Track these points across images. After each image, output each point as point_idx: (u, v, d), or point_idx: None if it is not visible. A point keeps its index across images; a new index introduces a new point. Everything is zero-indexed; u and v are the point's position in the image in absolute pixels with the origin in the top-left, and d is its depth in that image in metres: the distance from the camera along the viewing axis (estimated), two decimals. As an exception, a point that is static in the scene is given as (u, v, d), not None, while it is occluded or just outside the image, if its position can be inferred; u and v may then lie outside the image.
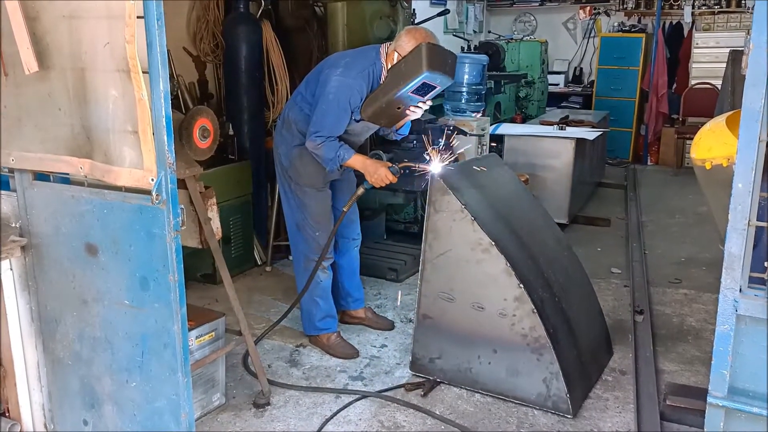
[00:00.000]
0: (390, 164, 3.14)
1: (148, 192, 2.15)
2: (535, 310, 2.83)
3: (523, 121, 7.34)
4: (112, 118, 2.18)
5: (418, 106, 3.11)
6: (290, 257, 4.76)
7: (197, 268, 4.26)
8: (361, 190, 3.19)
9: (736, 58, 3.53)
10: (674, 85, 8.70)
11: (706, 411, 1.54)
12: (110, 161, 2.22)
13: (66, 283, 2.41)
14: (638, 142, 8.85)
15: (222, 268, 2.75)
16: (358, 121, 3.15)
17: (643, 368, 3.25)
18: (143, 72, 1.99)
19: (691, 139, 8.14)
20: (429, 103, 3.13)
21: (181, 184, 2.49)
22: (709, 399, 1.52)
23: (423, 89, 3.02)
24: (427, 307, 3.10)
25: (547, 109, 8.23)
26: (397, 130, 3.33)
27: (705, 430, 1.53)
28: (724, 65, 7.31)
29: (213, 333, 2.79)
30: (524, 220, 3.28)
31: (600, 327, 3.41)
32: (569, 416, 2.85)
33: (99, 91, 2.13)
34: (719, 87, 8.10)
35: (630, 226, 5.74)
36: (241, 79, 4.60)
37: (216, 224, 2.74)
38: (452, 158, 3.15)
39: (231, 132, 4.49)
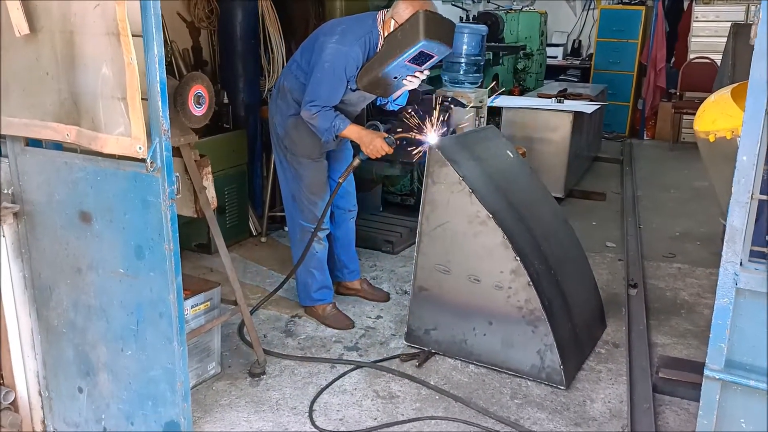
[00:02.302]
0: (386, 135, 3.11)
1: (141, 160, 2.12)
2: (530, 283, 2.83)
3: (521, 93, 7.28)
4: (101, 83, 2.13)
5: (415, 76, 3.07)
6: (285, 228, 4.75)
7: (192, 238, 4.24)
8: (356, 161, 3.16)
9: (738, 31, 3.48)
10: (672, 59, 8.64)
11: (703, 383, 1.54)
12: (98, 128, 2.17)
13: (60, 251, 2.39)
14: (635, 116, 8.82)
15: (218, 237, 2.73)
16: (354, 91, 3.10)
17: (636, 341, 3.27)
18: (134, 36, 1.95)
19: (689, 113, 8.21)
20: (426, 73, 3.09)
21: (176, 152, 2.45)
22: (706, 372, 1.52)
23: (420, 58, 2.97)
24: (423, 279, 3.09)
25: (545, 82, 8.17)
26: (394, 100, 3.29)
27: (701, 402, 1.54)
28: (724, 39, 7.26)
29: (208, 303, 2.78)
30: (522, 193, 3.27)
31: (594, 300, 3.42)
32: (562, 387, 2.86)
33: (88, 56, 2.08)
34: (718, 61, 8.06)
35: (625, 201, 5.74)
36: (237, 46, 4.52)
37: (211, 193, 2.71)
38: (450, 130, 3.12)
39: (226, 100, 4.44)
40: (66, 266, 2.39)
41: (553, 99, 5.78)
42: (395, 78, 3.03)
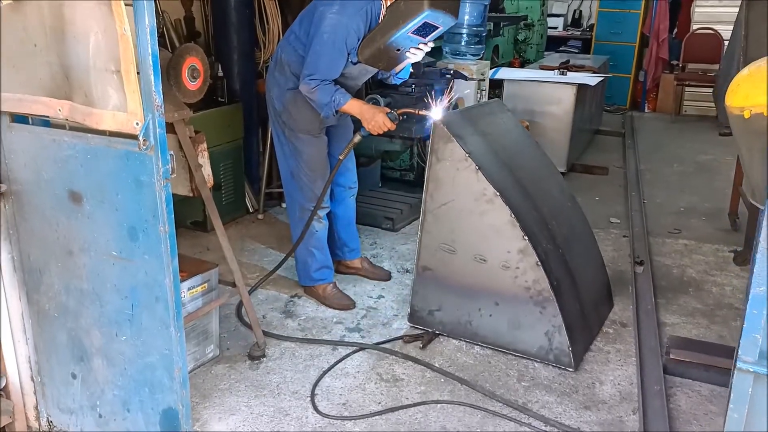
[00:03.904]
0: (388, 110, 2.99)
1: (134, 137, 2.01)
2: (539, 263, 2.74)
3: (522, 65, 7.13)
4: (92, 55, 2.01)
5: (418, 48, 2.94)
6: (283, 204, 4.66)
7: (187, 215, 4.13)
8: (357, 138, 3.04)
9: (752, 1, 3.38)
10: (675, 30, 8.48)
11: (734, 375, 1.46)
12: (91, 103, 2.06)
13: (49, 233, 2.28)
14: (636, 88, 8.69)
15: (214, 217, 2.62)
16: (354, 64, 2.98)
17: (644, 320, 3.20)
18: (126, 4, 1.82)
19: (691, 86, 8.07)
20: (431, 45, 2.96)
21: (170, 128, 2.33)
22: (739, 364, 1.44)
23: (424, 30, 2.84)
24: (427, 259, 3.00)
25: (545, 53, 8.01)
26: (396, 74, 3.17)
27: (731, 395, 1.45)
28: (728, 10, 7.12)
29: (206, 284, 2.68)
30: (528, 169, 3.16)
31: (602, 279, 3.34)
32: (570, 369, 2.79)
33: (78, 26, 1.96)
34: (722, 32, 7.93)
35: (628, 175, 5.64)
36: (231, 16, 4.37)
37: (207, 171, 2.61)
38: (452, 105, 3.00)
39: (220, 73, 4.30)
40: (56, 248, 2.29)
41: (556, 71, 5.64)
42: (398, 50, 2.91)
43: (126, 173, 2.06)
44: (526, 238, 2.74)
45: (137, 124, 1.97)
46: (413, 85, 4.05)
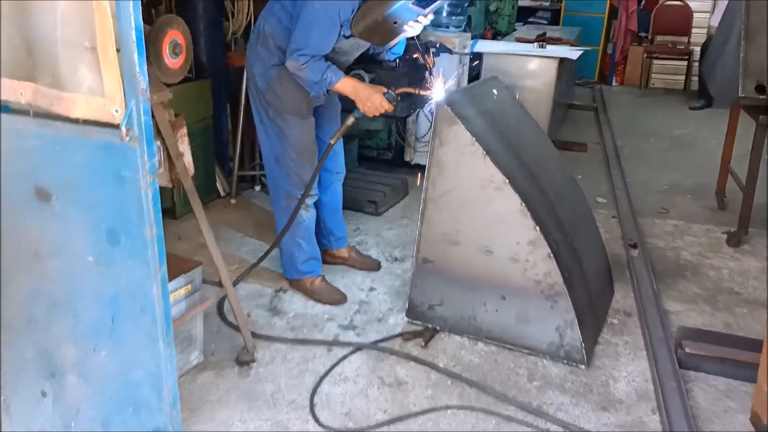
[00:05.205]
0: (386, 90, 2.73)
1: (114, 125, 1.72)
2: (551, 255, 2.56)
3: (494, 37, 6.90)
4: (60, 27, 1.71)
5: (417, 21, 2.68)
6: (256, 187, 4.38)
7: (154, 201, 3.81)
8: (351, 120, 2.77)
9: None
10: (643, 2, 8.37)
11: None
12: (61, 85, 1.76)
13: (12, 234, 1.99)
14: (605, 61, 8.57)
15: (198, 210, 2.37)
16: (347, 38, 2.71)
17: (648, 309, 3.07)
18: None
19: (660, 58, 7.99)
20: (430, 17, 2.71)
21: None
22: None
23: (424, 0, 2.59)
24: (427, 250, 2.79)
25: (516, 24, 7.79)
26: (390, 49, 2.91)
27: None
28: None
29: (189, 285, 2.41)
30: (531, 150, 2.96)
31: (604, 265, 3.19)
32: (582, 366, 2.64)
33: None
34: (691, 4, 7.86)
35: (608, 151, 5.52)
36: (196, -18, 4.01)
37: (188, 159, 2.32)
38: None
39: (186, 46, 3.94)
40: (21, 251, 2.00)
41: (535, 44, 5.43)
42: (395, 23, 2.65)
43: (104, 167, 1.78)
44: (537, 228, 2.55)
45: (117, 111, 1.68)
46: (397, 60, 3.78)
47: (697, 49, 7.53)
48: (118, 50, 1.64)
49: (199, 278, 2.47)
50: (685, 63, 7.93)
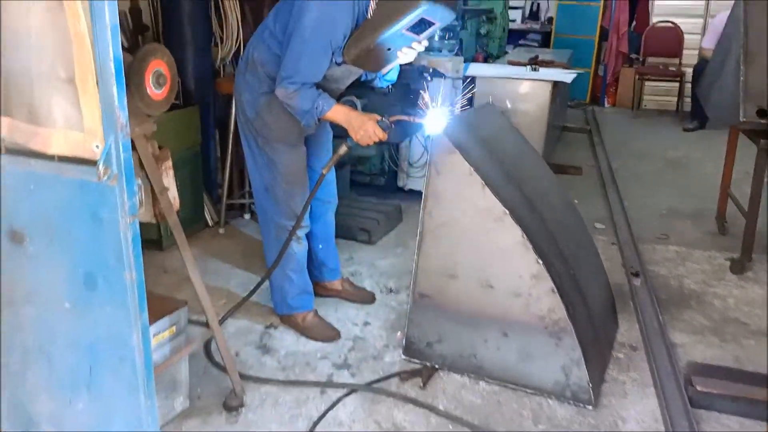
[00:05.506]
0: (379, 118, 2.62)
1: (89, 162, 1.60)
2: (554, 289, 2.44)
3: (485, 60, 6.84)
4: (36, 57, 1.59)
5: (411, 47, 2.59)
6: (246, 215, 4.25)
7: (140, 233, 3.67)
8: (343, 149, 2.65)
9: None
10: (634, 24, 8.37)
11: None
12: (37, 120, 1.64)
13: (-18, 279, 1.85)
14: (596, 82, 8.55)
15: (184, 249, 2.21)
16: (339, 65, 2.61)
17: (654, 342, 2.95)
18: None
19: (651, 80, 7.98)
20: (425, 43, 2.61)
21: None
22: None
23: (419, 26, 2.49)
24: (424, 285, 2.67)
25: (507, 47, 7.76)
26: (383, 76, 2.81)
27: None
28: (688, 3, 7.06)
29: (174, 327, 2.27)
30: (530, 179, 2.86)
31: (607, 296, 3.07)
32: (590, 407, 2.51)
33: (16, 19, 1.54)
34: (682, 25, 7.86)
35: (603, 175, 5.45)
36: (183, 7, 3.91)
37: (173, 193, 2.19)
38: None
39: (174, 72, 3.84)
40: (-9, 297, 1.86)
41: (528, 67, 5.37)
42: (389, 50, 2.55)
43: (80, 207, 1.66)
44: (540, 261, 2.44)
45: (97, 146, 1.56)
46: (390, 86, 3.69)
47: (689, 70, 7.51)
48: (97, 82, 1.53)
49: (185, 319, 2.33)
50: (677, 84, 7.92)
